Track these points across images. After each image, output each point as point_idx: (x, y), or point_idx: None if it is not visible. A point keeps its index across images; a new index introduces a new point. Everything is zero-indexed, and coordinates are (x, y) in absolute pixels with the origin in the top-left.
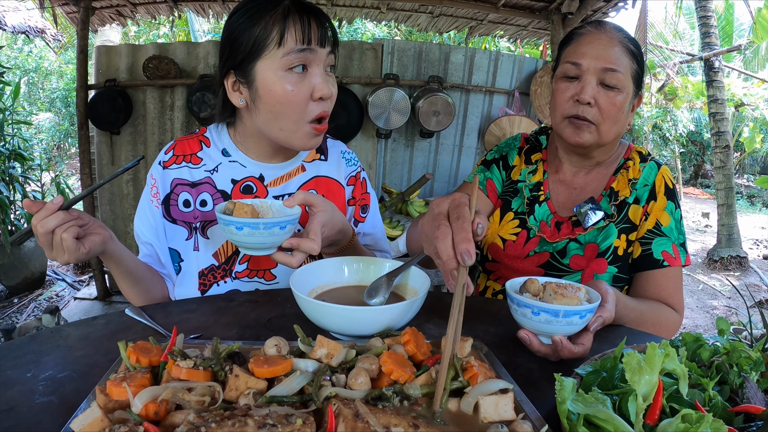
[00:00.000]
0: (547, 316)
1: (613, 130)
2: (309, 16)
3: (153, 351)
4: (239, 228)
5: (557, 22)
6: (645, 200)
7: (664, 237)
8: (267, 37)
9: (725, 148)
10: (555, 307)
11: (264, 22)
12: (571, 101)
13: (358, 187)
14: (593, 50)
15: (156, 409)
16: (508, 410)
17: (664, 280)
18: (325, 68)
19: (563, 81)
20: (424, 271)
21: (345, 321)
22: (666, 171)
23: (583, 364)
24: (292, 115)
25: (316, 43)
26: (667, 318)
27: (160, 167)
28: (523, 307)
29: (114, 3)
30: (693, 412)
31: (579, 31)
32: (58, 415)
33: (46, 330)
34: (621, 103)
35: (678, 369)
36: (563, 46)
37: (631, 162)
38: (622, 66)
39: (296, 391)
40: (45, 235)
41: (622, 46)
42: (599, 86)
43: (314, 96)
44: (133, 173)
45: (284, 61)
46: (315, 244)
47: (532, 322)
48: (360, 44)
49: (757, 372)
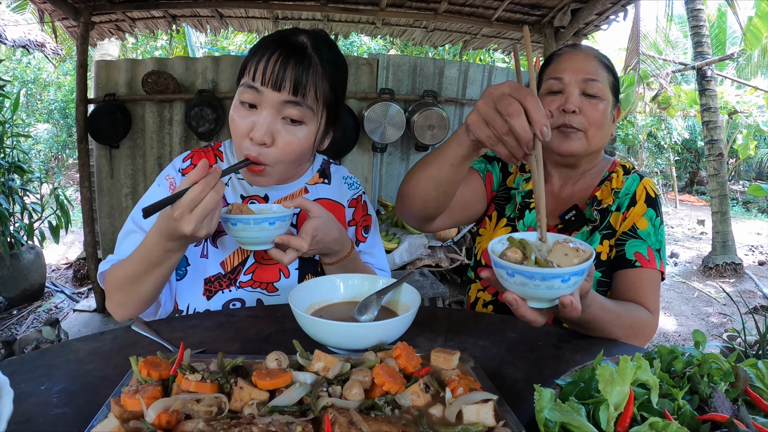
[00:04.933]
0: (522, 279)
1: (599, 135)
2: (279, 56)
3: (162, 365)
4: (234, 224)
5: (550, 36)
6: (625, 207)
7: (639, 239)
8: (243, 67)
9: (718, 156)
10: (530, 269)
11: (253, 53)
12: (557, 112)
13: (359, 209)
14: (573, 65)
15: (168, 418)
16: (488, 417)
17: (638, 279)
18: (279, 114)
19: (548, 96)
20: (415, 288)
21: (340, 336)
22: (648, 182)
23: (564, 375)
24: (236, 142)
25: (269, 85)
26: (643, 320)
27: (179, 173)
28: (498, 268)
29: (113, 18)
30: (660, 420)
31: (557, 53)
32: (73, 426)
33: (56, 345)
34: (603, 110)
35: (650, 380)
36: (544, 68)
37: (615, 174)
38: (600, 76)
39: (296, 402)
40: (215, 203)
41: (598, 60)
42: (582, 96)
43: (249, 134)
44: (132, 187)
45: (240, 92)
46: (304, 242)
47: (509, 284)
48: (356, 59)
49: (726, 382)
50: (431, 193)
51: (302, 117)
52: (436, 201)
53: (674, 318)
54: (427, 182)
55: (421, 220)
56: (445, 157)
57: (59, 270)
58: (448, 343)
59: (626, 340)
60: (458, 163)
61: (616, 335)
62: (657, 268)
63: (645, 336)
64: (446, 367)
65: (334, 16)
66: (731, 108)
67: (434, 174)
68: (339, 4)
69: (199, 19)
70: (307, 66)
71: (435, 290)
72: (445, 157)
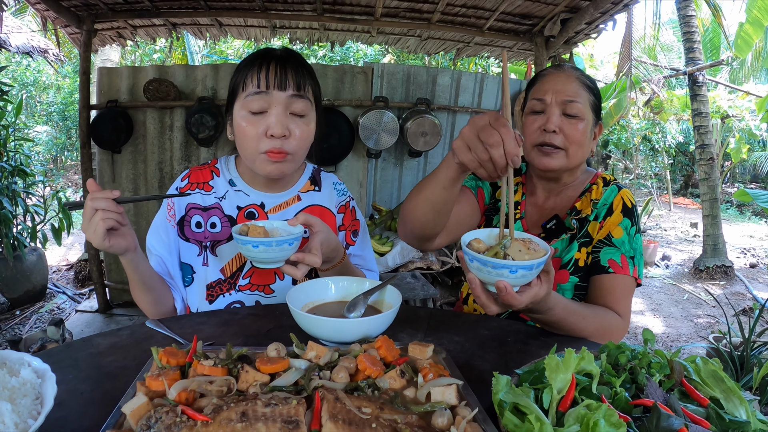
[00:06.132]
0: (478, 264)
1: (579, 153)
2: (275, 63)
3: (179, 354)
4: (255, 246)
5: (540, 44)
6: (603, 217)
7: (613, 247)
8: (239, 83)
9: (709, 160)
10: (483, 258)
11: (239, 71)
12: (538, 131)
13: (347, 215)
14: (554, 86)
15: (186, 396)
16: (452, 397)
17: (610, 285)
18: (287, 111)
19: (531, 115)
20: (398, 289)
21: (331, 331)
22: (626, 193)
23: (524, 366)
24: (248, 147)
25: (274, 87)
26: (610, 323)
27: (176, 191)
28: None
29: (115, 25)
30: (595, 403)
31: (541, 73)
32: (103, 406)
33: (78, 340)
34: (583, 129)
35: (593, 369)
36: (529, 87)
37: (595, 186)
38: (580, 97)
39: (292, 383)
40: (90, 210)
41: (580, 82)
42: (563, 116)
43: (267, 133)
44: (133, 191)
45: (245, 103)
46: (317, 258)
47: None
48: (351, 68)
49: (661, 374)
50: (429, 215)
51: (305, 110)
52: (433, 221)
53: (663, 319)
54: (423, 205)
55: (422, 240)
56: (437, 180)
57: (60, 271)
58: (426, 338)
59: (595, 340)
60: (449, 185)
61: (585, 335)
62: (630, 274)
63: (612, 338)
64: (421, 357)
65: (330, 25)
66: (723, 112)
67: (428, 196)
68: (335, 14)
69: (199, 27)
70: (299, 67)
71: (426, 292)
72: (437, 180)
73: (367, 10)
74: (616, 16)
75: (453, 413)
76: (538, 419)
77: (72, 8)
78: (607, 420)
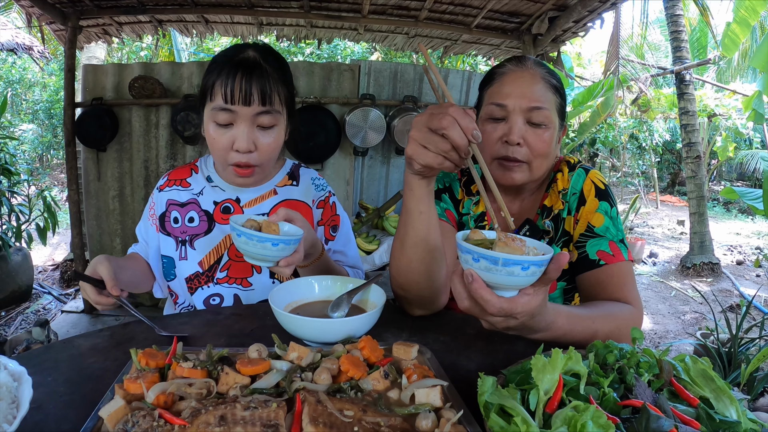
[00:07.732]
0: (466, 257)
1: (545, 165)
2: (241, 75)
3: (158, 356)
4: (275, 244)
5: (528, 42)
6: (575, 208)
7: (597, 237)
8: (207, 89)
9: (696, 158)
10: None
11: (210, 74)
12: (499, 143)
13: (327, 210)
14: (517, 89)
15: (165, 399)
16: (436, 399)
17: (607, 277)
18: (253, 125)
19: (489, 123)
20: (382, 288)
21: (314, 331)
22: (595, 174)
23: (510, 366)
24: (218, 156)
25: (241, 102)
26: (624, 316)
27: (157, 190)
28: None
29: (100, 22)
30: (582, 404)
31: (500, 71)
32: (81, 409)
33: (58, 341)
34: (549, 138)
35: (580, 369)
36: (484, 86)
37: (560, 174)
38: (547, 102)
39: (273, 385)
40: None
41: (545, 82)
42: (526, 125)
43: (233, 147)
44: (119, 189)
45: (212, 114)
46: (300, 254)
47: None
48: (338, 65)
49: (650, 374)
50: (426, 260)
51: (273, 121)
52: (436, 265)
53: (650, 316)
54: (414, 253)
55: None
56: (410, 212)
57: (46, 271)
58: (411, 338)
59: (613, 340)
60: (424, 206)
61: (602, 338)
62: (625, 259)
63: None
64: (405, 358)
65: (317, 22)
66: (710, 111)
67: (414, 239)
68: (322, 11)
69: (185, 24)
70: (266, 77)
71: None
72: (411, 212)
73: (355, 7)
74: (604, 14)
75: (438, 415)
76: (524, 421)
77: (57, 5)
78: (595, 421)
